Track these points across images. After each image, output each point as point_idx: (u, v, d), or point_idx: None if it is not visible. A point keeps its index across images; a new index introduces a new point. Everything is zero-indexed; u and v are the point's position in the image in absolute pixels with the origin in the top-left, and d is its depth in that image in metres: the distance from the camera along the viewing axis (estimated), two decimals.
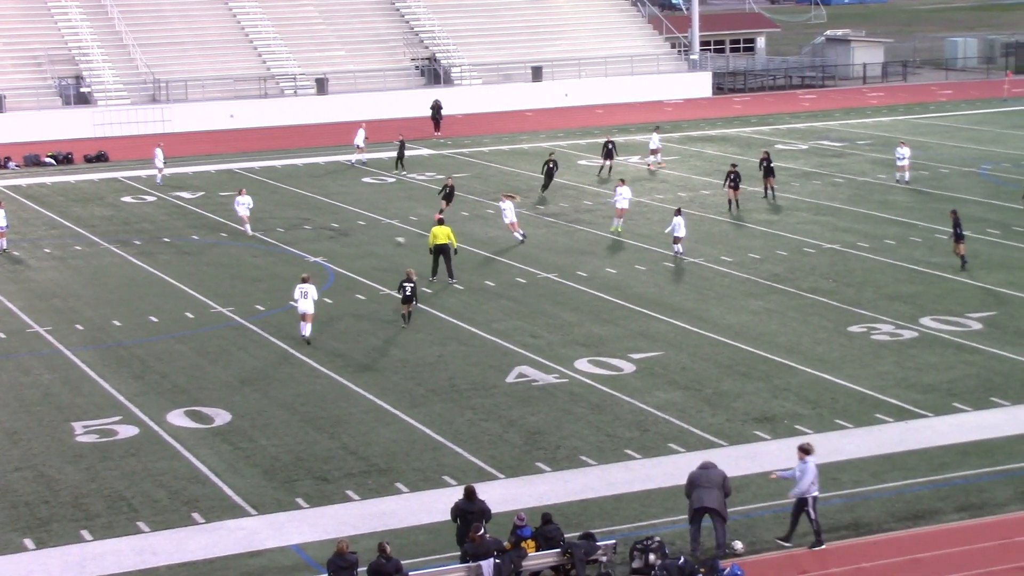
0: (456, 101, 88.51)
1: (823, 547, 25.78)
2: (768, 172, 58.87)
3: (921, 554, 25.56)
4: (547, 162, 61.55)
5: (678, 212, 48.99)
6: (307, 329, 39.39)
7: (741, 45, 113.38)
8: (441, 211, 52.73)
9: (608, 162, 66.45)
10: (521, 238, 51.37)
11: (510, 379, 36.09)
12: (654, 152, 68.50)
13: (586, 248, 50.48)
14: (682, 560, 24.90)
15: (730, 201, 56.39)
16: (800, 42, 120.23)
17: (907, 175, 61.58)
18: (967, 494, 28.17)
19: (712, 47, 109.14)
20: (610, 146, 66.74)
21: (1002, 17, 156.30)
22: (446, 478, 29.61)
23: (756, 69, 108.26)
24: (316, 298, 39.57)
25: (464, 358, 38.00)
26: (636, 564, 25.24)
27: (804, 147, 72.93)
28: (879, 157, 69.13)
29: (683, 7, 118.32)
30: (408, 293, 40.62)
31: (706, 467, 25.74)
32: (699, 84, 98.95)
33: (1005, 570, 24.83)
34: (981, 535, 26.27)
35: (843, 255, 48.41)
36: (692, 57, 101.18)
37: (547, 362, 37.34)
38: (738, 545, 25.96)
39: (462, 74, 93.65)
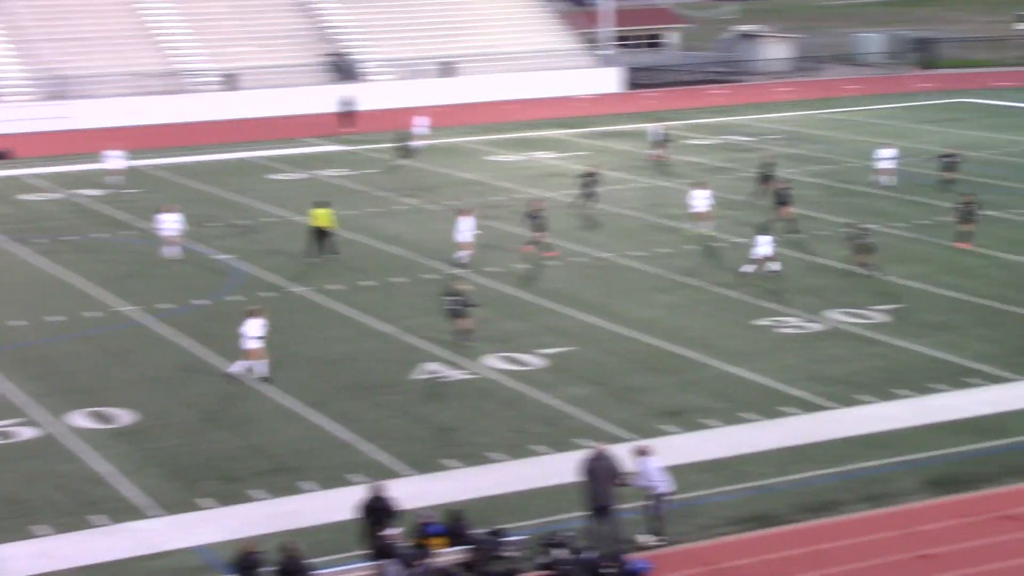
0: (367, 97, 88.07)
1: (661, 547, 25.90)
2: (951, 167, 58.02)
3: (826, 545, 25.73)
4: (765, 165, 58.58)
5: (762, 231, 45.62)
6: (242, 367, 35.81)
7: (652, 40, 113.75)
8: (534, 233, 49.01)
9: (661, 151, 66.82)
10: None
11: (420, 375, 35.96)
12: (656, 144, 68.47)
13: (496, 244, 50.36)
14: (590, 555, 24.91)
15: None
16: (711, 37, 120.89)
17: (886, 179, 59.25)
18: (871, 485, 28.39)
19: (623, 42, 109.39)
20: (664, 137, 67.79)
21: (909, 13, 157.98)
22: (355, 475, 29.42)
23: (667, 64, 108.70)
24: (256, 335, 35.67)
25: (373, 355, 37.82)
26: (545, 559, 25.19)
27: (714, 142, 73.24)
28: (787, 152, 69.60)
29: (594, 2, 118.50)
30: (452, 307, 38.59)
31: (599, 458, 25.73)
32: (609, 79, 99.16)
33: (908, 559, 25.05)
34: (884, 525, 26.48)
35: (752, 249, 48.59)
36: (603, 53, 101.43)
37: (457, 358, 37.23)
38: (646, 539, 26.00)
39: (373, 70, 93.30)
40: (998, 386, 34.00)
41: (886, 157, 59.80)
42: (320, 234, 48.36)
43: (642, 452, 26.37)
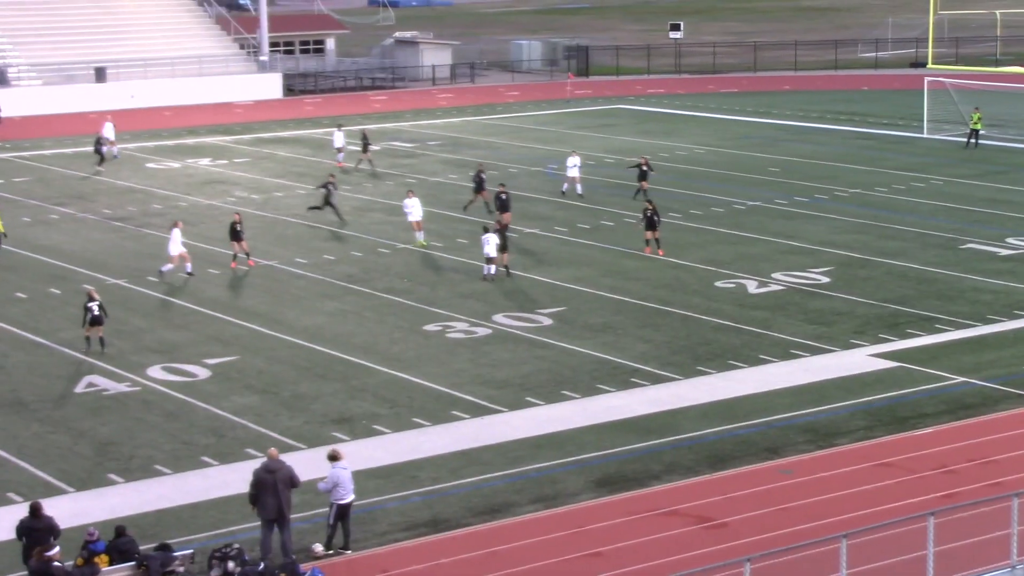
0: (14, 102, 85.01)
1: (349, 554, 25.68)
2: (643, 176, 57.82)
3: (498, 547, 25.85)
4: (478, 173, 56.83)
5: (487, 230, 45.64)
6: None
7: (311, 46, 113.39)
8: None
9: (367, 154, 66.79)
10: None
11: (79, 389, 34.80)
12: (340, 150, 67.48)
13: (156, 252, 49.07)
14: (262, 566, 24.48)
15: None
16: (370, 44, 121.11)
17: (579, 187, 58.76)
18: (541, 486, 28.68)
19: (282, 48, 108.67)
20: (367, 139, 67.70)
21: (562, 21, 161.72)
22: (11, 495, 28.21)
23: (326, 71, 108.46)
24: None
25: (29, 369, 36.38)
26: (215, 572, 24.61)
27: (376, 148, 73.12)
28: (449, 157, 70.20)
29: (251, 7, 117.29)
30: (96, 313, 37.59)
31: (271, 469, 25.27)
32: (269, 85, 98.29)
33: (578, 557, 25.37)
34: (555, 525, 26.77)
35: (417, 254, 48.79)
36: (261, 58, 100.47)
37: (118, 370, 36.15)
38: (318, 548, 25.68)
39: (19, 74, 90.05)
40: (660, 385, 34.81)
41: (574, 165, 59.34)
42: None
43: (334, 457, 25.97)
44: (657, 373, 35.65)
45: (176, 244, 45.56)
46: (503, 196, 51.75)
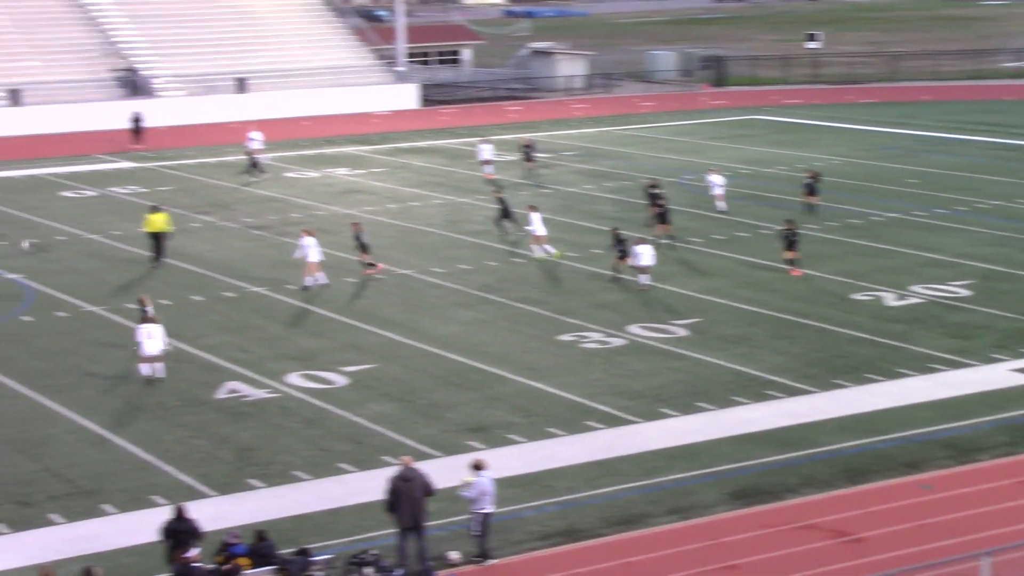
0: (158, 113, 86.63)
1: (486, 563, 25.79)
2: (812, 191, 57.33)
3: (633, 558, 25.87)
4: (649, 187, 56.71)
5: (641, 242, 45.86)
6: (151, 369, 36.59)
7: (447, 57, 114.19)
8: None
9: (529, 164, 67.93)
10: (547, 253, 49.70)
11: (221, 395, 35.37)
12: (486, 162, 68.20)
13: (294, 261, 49.77)
14: (398, 572, 24.74)
15: None
16: (505, 54, 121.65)
17: (723, 204, 57.83)
18: (676, 497, 28.64)
19: (418, 59, 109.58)
20: (528, 149, 68.67)
21: (698, 31, 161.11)
22: (155, 497, 28.78)
23: (462, 81, 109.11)
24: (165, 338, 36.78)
25: (173, 374, 37.02)
26: None
27: (512, 158, 73.44)
28: (584, 168, 70.27)
29: (387, 19, 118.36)
30: (150, 315, 38.49)
31: (407, 478, 25.47)
32: (406, 96, 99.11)
33: (714, 570, 25.30)
34: (690, 537, 26.73)
35: (552, 264, 48.90)
36: (398, 69, 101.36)
37: (258, 377, 36.70)
38: (454, 555, 25.87)
39: (164, 85, 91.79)
40: (795, 398, 34.59)
41: (716, 184, 58.48)
42: (155, 239, 49.55)
43: (478, 467, 26.15)
44: (792, 385, 35.42)
45: (313, 252, 46.09)
46: (664, 207, 52.12)
